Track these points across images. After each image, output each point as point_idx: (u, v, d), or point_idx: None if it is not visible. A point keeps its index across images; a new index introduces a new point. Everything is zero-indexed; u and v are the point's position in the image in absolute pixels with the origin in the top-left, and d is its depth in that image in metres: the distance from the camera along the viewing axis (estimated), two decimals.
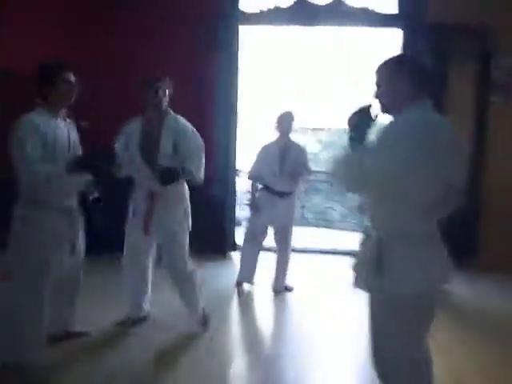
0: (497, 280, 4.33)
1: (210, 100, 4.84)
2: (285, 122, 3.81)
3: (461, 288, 4.18)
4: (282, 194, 3.81)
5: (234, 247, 5.08)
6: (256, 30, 5.95)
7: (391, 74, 1.66)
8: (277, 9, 4.90)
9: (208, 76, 4.79)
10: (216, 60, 4.77)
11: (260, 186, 3.90)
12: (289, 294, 3.91)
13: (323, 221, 6.93)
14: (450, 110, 4.61)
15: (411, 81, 1.62)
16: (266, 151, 3.86)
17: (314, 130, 21.40)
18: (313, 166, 4.36)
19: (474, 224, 4.73)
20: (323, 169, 6.56)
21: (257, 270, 3.95)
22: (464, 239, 4.67)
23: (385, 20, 4.93)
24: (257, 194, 3.90)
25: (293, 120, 3.85)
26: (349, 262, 2.14)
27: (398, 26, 4.87)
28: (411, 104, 1.62)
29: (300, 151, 3.94)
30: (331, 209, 7.01)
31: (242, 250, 4.03)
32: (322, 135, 18.79)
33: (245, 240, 3.96)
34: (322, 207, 7.05)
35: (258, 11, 4.95)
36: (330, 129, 19.10)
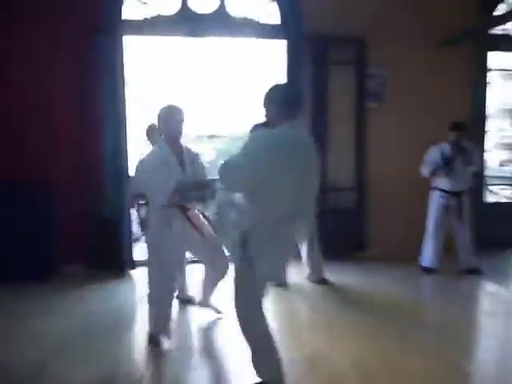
0: (384, 270, 4.70)
1: (96, 113, 4.58)
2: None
3: (352, 278, 4.50)
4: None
5: (133, 265, 4.86)
6: (143, 40, 5.78)
7: (265, 101, 2.26)
8: (159, 17, 4.79)
9: (92, 88, 4.53)
10: (99, 71, 4.52)
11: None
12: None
13: None
14: (333, 115, 4.97)
15: (277, 107, 2.21)
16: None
17: (210, 137, 21.46)
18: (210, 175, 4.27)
19: (361, 220, 5.10)
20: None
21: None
22: (353, 234, 5.04)
23: (268, 31, 5.08)
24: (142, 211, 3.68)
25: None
26: None
27: (281, 37, 5.04)
28: (283, 122, 2.17)
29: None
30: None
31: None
32: (217, 143, 18.94)
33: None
34: None
35: (141, 19, 4.81)
36: (224, 136, 19.34)
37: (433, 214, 4.58)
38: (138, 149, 6.02)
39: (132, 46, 5.23)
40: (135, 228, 5.13)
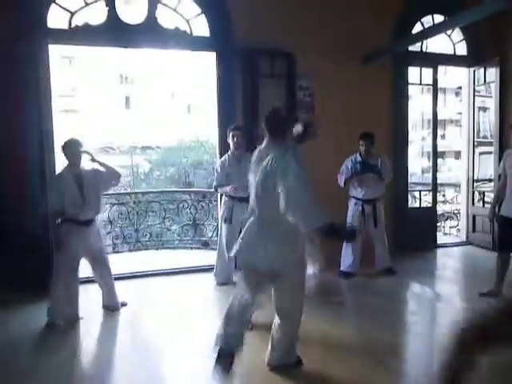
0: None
1: (20, 126, 4.34)
2: (69, 150, 3.70)
3: None
4: (87, 223, 3.73)
5: None
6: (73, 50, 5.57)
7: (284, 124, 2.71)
8: (87, 26, 4.66)
9: (15, 100, 4.30)
10: (22, 81, 4.30)
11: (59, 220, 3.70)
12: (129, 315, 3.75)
13: (160, 242, 6.80)
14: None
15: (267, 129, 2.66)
16: (59, 181, 3.73)
17: (143, 148, 20.99)
18: (145, 186, 4.33)
19: None
20: (155, 189, 6.42)
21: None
22: None
23: (199, 43, 5.12)
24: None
25: (79, 147, 3.73)
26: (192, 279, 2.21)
27: (211, 49, 5.10)
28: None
29: (96, 174, 3.84)
30: (167, 229, 6.93)
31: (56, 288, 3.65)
32: (151, 154, 18.55)
33: (58, 277, 3.64)
34: (158, 228, 6.92)
35: (68, 28, 4.64)
36: (159, 148, 18.99)
37: (349, 220, 4.81)
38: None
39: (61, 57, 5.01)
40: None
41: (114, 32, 4.74)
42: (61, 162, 3.98)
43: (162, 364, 3.00)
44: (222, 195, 4.83)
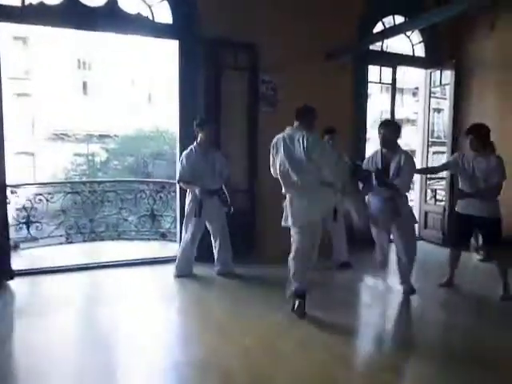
0: (269, 269, 4.81)
1: None
2: None
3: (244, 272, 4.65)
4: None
5: (11, 274, 4.41)
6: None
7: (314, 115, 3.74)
8: (42, 5, 4.43)
9: None
10: None
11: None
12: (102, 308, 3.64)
13: (116, 233, 6.63)
14: (227, 117, 5.03)
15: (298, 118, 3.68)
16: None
17: (101, 136, 20.38)
18: (101, 176, 4.15)
19: (253, 221, 5.24)
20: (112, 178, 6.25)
21: None
22: (246, 235, 5.16)
23: (161, 30, 4.99)
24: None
25: None
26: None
27: (173, 37, 4.99)
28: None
29: None
30: (124, 220, 6.76)
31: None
32: (109, 143, 18.02)
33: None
34: (114, 219, 6.73)
35: (20, 5, 4.40)
36: (117, 136, 18.48)
37: None
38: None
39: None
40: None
41: (72, 13, 4.52)
42: (10, 147, 3.76)
43: (113, 359, 2.93)
44: (182, 188, 4.76)
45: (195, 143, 4.52)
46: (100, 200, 6.57)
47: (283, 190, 3.66)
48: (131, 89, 27.68)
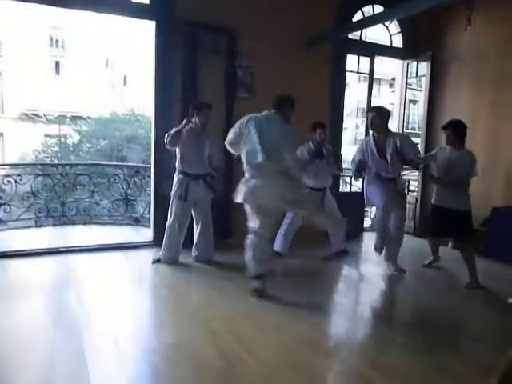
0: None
1: None
2: None
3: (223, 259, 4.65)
4: None
5: None
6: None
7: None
8: None
9: None
10: None
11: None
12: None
13: (88, 217, 6.51)
14: (204, 100, 4.95)
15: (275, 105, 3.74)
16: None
17: (73, 118, 19.79)
18: (74, 159, 4.00)
19: (228, 209, 5.22)
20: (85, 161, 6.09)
21: None
22: (222, 222, 5.14)
23: (137, 10, 4.84)
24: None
25: None
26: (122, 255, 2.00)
27: (150, 18, 4.86)
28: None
29: None
30: (96, 204, 6.64)
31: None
32: (82, 125, 17.57)
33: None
34: (86, 203, 6.60)
35: None
36: (90, 118, 18.03)
37: None
38: None
39: None
40: None
41: None
42: None
43: (85, 345, 2.88)
44: (157, 173, 4.68)
45: (188, 126, 4.35)
46: (72, 183, 6.42)
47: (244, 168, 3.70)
48: (106, 70, 27.00)
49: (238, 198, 3.63)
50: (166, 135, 4.29)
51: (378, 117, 4.27)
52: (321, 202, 4.85)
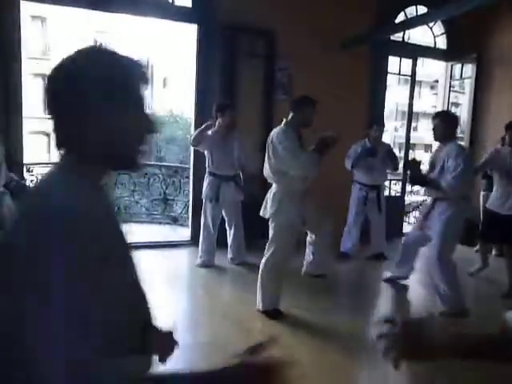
0: None
1: None
2: None
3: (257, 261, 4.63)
4: None
5: None
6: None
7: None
8: None
9: None
10: None
11: None
12: None
13: (127, 215, 6.69)
14: (242, 104, 5.00)
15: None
16: None
17: None
18: None
19: None
20: None
21: None
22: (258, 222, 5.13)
23: (180, 13, 4.95)
24: None
25: None
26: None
27: (192, 21, 4.96)
28: None
29: None
30: (136, 202, 6.82)
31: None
32: None
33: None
34: (126, 201, 6.79)
35: None
36: None
37: (353, 205, 4.95)
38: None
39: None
40: None
41: None
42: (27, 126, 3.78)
43: None
44: (196, 173, 4.75)
45: (214, 128, 4.40)
46: (113, 182, 6.61)
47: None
48: (147, 71, 27.62)
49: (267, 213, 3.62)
50: (189, 135, 4.36)
51: (440, 123, 3.51)
52: (376, 201, 4.82)
